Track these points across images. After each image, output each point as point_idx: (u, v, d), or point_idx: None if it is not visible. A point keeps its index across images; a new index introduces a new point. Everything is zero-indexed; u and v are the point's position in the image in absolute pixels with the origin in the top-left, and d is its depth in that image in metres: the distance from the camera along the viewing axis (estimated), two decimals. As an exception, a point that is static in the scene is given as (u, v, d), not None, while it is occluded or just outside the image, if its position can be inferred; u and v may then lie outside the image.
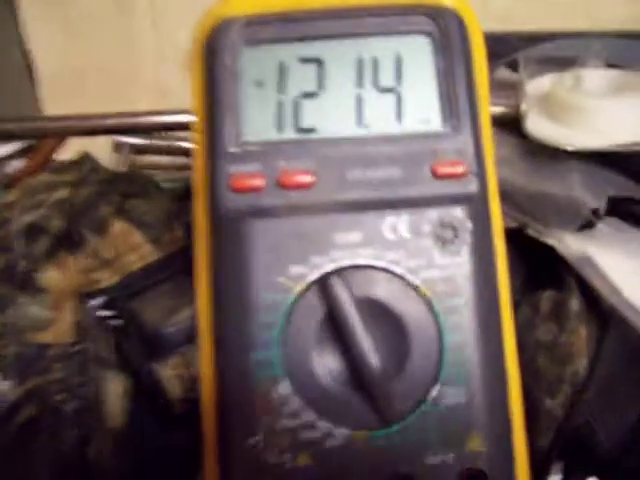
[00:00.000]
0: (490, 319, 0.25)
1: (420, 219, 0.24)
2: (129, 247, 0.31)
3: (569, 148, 0.32)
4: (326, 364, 0.24)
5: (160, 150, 0.52)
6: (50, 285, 0.30)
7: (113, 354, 0.29)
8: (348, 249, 0.24)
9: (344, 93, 0.26)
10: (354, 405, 0.24)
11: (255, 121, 0.25)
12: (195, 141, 0.26)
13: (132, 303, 0.30)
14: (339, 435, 0.24)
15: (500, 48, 0.30)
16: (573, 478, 0.28)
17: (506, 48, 0.45)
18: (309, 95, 0.26)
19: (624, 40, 0.43)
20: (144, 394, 0.29)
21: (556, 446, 0.27)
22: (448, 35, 0.26)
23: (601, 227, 0.30)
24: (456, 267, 0.24)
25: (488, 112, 0.27)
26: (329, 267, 0.24)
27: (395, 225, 0.24)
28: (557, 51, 0.41)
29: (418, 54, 0.26)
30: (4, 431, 0.28)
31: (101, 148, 0.53)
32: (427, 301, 0.24)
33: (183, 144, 0.51)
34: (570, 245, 0.30)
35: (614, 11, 0.59)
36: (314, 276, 0.24)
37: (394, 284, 0.24)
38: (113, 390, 0.29)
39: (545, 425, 0.27)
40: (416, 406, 0.24)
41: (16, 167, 0.42)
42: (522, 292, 0.31)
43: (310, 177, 0.24)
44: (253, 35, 0.26)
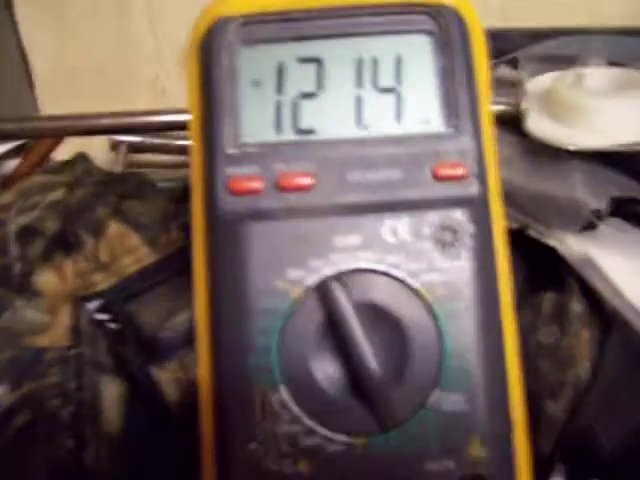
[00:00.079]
0: (491, 323, 0.24)
1: (420, 222, 0.24)
2: (125, 249, 0.31)
3: (571, 148, 0.31)
4: (325, 369, 0.23)
5: (157, 148, 0.52)
6: (46, 289, 0.30)
7: (110, 358, 0.29)
8: (347, 252, 0.24)
9: (343, 93, 0.25)
10: (353, 411, 0.23)
11: (253, 122, 0.25)
12: (192, 142, 0.26)
13: (129, 306, 0.30)
14: (338, 441, 0.23)
15: (500, 44, 0.30)
16: (575, 481, 0.28)
17: (506, 45, 0.44)
18: (308, 96, 0.25)
19: (625, 37, 0.43)
20: (141, 398, 0.29)
21: (558, 450, 0.27)
22: (448, 34, 0.25)
23: (603, 228, 0.30)
24: (457, 271, 0.24)
25: (490, 112, 0.26)
26: (328, 271, 0.24)
27: (395, 228, 0.24)
28: (558, 49, 0.41)
29: (418, 53, 0.25)
30: (0, 436, 0.28)
31: (98, 147, 0.52)
32: (427, 305, 0.24)
33: (180, 142, 0.51)
34: (572, 246, 0.30)
35: (614, 7, 0.59)
36: (313, 280, 0.24)
37: (394, 288, 0.24)
38: (110, 394, 0.28)
39: (547, 429, 0.27)
40: (416, 411, 0.23)
41: (11, 166, 0.42)
42: (523, 293, 0.30)
43: (309, 179, 0.24)
44: (250, 34, 0.25)
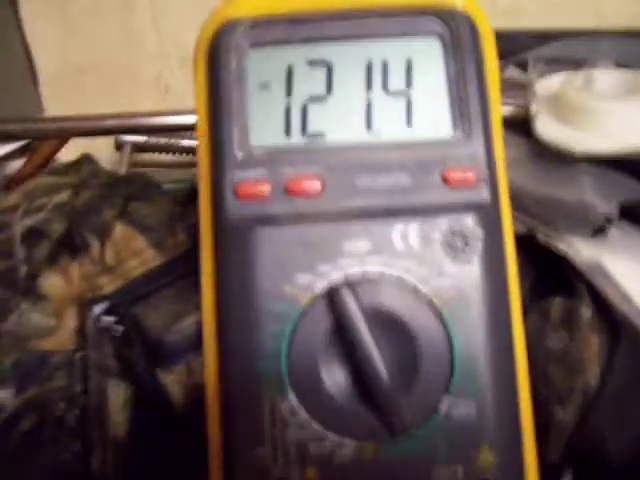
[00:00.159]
0: (501, 329, 0.24)
1: (430, 227, 0.24)
2: (131, 252, 0.31)
3: (579, 152, 0.31)
4: (334, 375, 0.23)
5: (162, 148, 0.52)
6: (52, 292, 0.30)
7: (116, 361, 0.29)
8: (357, 258, 0.24)
9: (353, 97, 0.25)
10: (362, 417, 0.23)
11: (261, 125, 0.25)
12: (199, 146, 0.25)
13: (135, 309, 0.29)
14: (347, 448, 0.23)
15: (507, 45, 0.30)
16: (583, 488, 0.27)
17: (514, 45, 0.44)
18: (317, 99, 0.25)
19: (633, 39, 0.43)
20: (147, 402, 0.29)
21: (567, 455, 0.27)
22: (459, 37, 0.25)
23: (612, 233, 0.30)
24: (467, 276, 0.24)
25: (499, 116, 0.26)
26: (337, 276, 0.24)
27: (405, 233, 0.24)
28: (565, 51, 0.41)
29: (428, 57, 0.25)
30: (5, 441, 0.27)
31: (103, 146, 0.52)
32: (437, 311, 0.23)
33: (186, 142, 0.51)
34: (580, 251, 0.29)
35: (621, 7, 0.59)
36: (322, 285, 0.23)
37: (403, 294, 0.23)
38: (116, 398, 0.28)
39: (556, 434, 0.27)
40: (425, 417, 0.23)
41: (15, 167, 0.42)
42: (531, 297, 0.30)
43: (318, 184, 0.24)
44: (259, 37, 0.25)
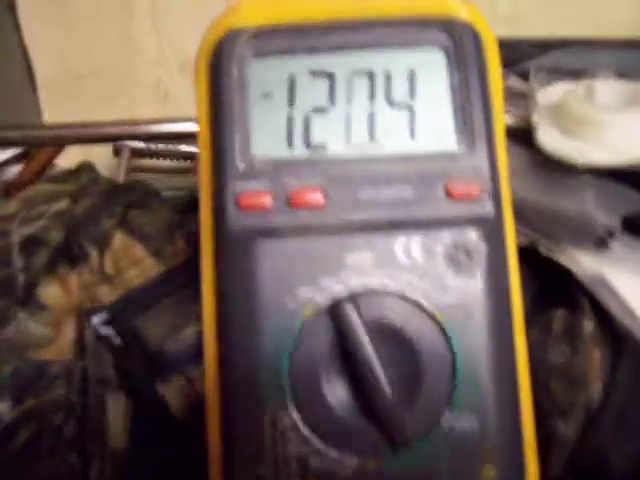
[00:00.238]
0: (504, 344, 0.24)
1: (433, 241, 0.24)
2: (130, 261, 0.31)
3: (581, 164, 0.31)
4: (336, 390, 0.23)
5: (161, 154, 0.51)
6: (50, 302, 0.30)
7: (114, 372, 0.28)
8: (359, 271, 0.23)
9: (356, 108, 0.25)
10: (364, 432, 0.23)
11: (263, 136, 0.25)
12: (200, 156, 0.25)
13: (134, 320, 0.29)
14: (349, 463, 0.23)
15: (509, 54, 0.30)
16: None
17: (513, 54, 0.44)
18: (320, 110, 0.25)
19: (633, 49, 0.43)
20: (146, 413, 0.28)
21: (569, 470, 0.27)
22: (463, 48, 0.25)
23: (614, 245, 0.30)
24: (470, 291, 0.24)
25: (503, 128, 0.26)
26: (340, 290, 0.23)
27: (408, 247, 0.24)
28: (566, 61, 0.41)
29: (432, 68, 0.25)
30: (3, 452, 0.27)
31: (101, 152, 0.52)
32: (440, 325, 0.23)
33: (185, 148, 0.50)
34: (583, 264, 0.29)
35: (620, 16, 0.59)
36: (324, 299, 0.23)
37: (406, 308, 0.23)
38: (114, 409, 0.28)
39: (558, 449, 0.27)
40: (428, 432, 0.23)
41: (13, 173, 0.41)
42: (533, 310, 0.30)
43: (320, 196, 0.24)
44: (261, 46, 0.25)
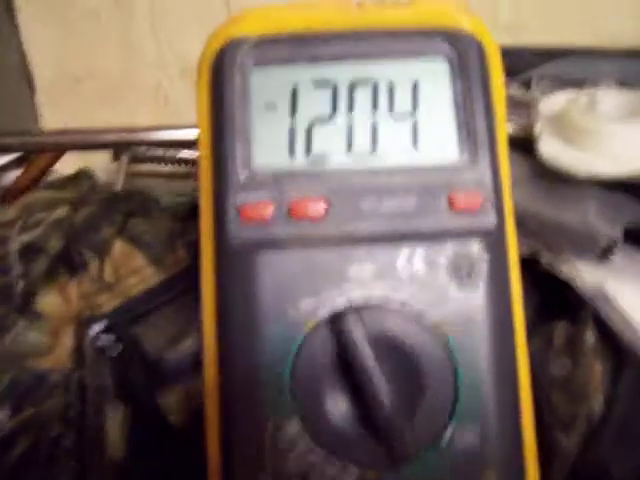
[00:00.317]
0: (506, 356, 0.24)
1: (436, 253, 0.24)
2: (130, 270, 0.30)
3: (582, 174, 0.31)
4: (338, 402, 0.23)
5: (161, 159, 0.51)
6: (49, 310, 0.29)
7: (113, 382, 0.28)
8: (361, 283, 0.23)
9: (358, 119, 0.25)
10: (365, 445, 0.23)
11: (265, 146, 0.24)
12: (201, 165, 0.25)
13: (134, 328, 0.29)
14: (350, 474, 0.23)
15: (511, 63, 0.29)
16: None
17: (515, 62, 0.44)
18: (322, 120, 0.25)
19: (635, 60, 0.43)
20: (145, 423, 0.28)
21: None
22: (466, 59, 0.25)
23: (616, 256, 0.30)
24: (472, 303, 0.23)
25: (505, 139, 0.26)
26: (342, 302, 0.23)
27: (410, 259, 0.24)
28: (569, 70, 0.40)
29: (435, 79, 0.25)
30: (1, 462, 0.27)
31: (100, 156, 0.52)
32: (442, 338, 0.23)
33: (184, 153, 0.50)
34: (584, 275, 0.29)
35: (622, 26, 0.58)
36: (326, 311, 0.23)
37: (408, 320, 0.23)
38: (113, 419, 0.28)
39: (559, 462, 0.27)
40: (429, 446, 0.23)
41: (11, 178, 0.41)
42: (534, 321, 0.30)
43: (322, 207, 0.24)
44: (263, 55, 0.25)
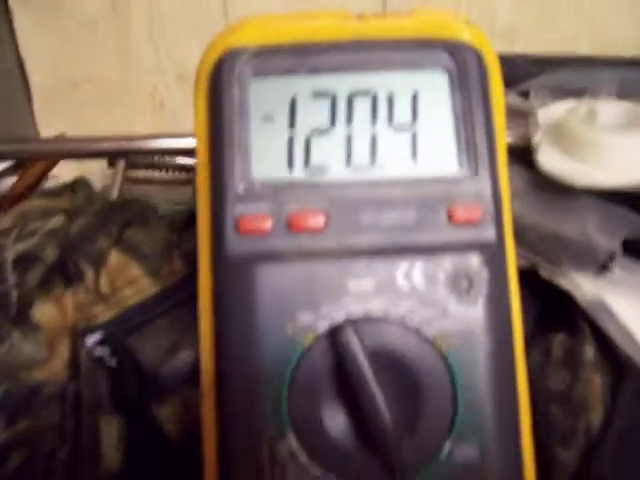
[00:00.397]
0: (505, 372, 0.24)
1: (435, 267, 0.23)
2: (126, 280, 0.30)
3: (581, 185, 0.31)
4: (335, 418, 0.23)
5: (157, 165, 0.51)
6: (44, 321, 0.29)
7: (109, 394, 0.28)
8: (360, 297, 0.23)
9: (358, 131, 0.25)
10: (363, 461, 0.23)
11: (263, 158, 0.24)
12: (198, 176, 0.25)
13: (130, 340, 0.29)
14: (347, 492, 0.23)
15: (506, 70, 0.29)
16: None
17: (512, 70, 0.44)
18: (321, 132, 0.25)
19: (635, 68, 0.43)
20: (141, 436, 0.28)
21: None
22: (466, 70, 0.25)
23: (615, 268, 0.29)
24: (471, 318, 0.23)
25: (505, 151, 0.26)
26: (340, 316, 0.23)
27: (409, 272, 0.23)
28: (567, 81, 0.40)
29: (435, 91, 0.25)
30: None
31: (96, 162, 0.51)
32: (441, 353, 0.23)
33: (181, 160, 0.50)
34: (583, 287, 0.29)
35: (619, 33, 0.59)
36: (324, 325, 0.23)
37: (407, 335, 0.23)
38: (109, 432, 0.28)
39: (558, 476, 0.27)
40: (428, 462, 0.23)
41: (7, 185, 0.41)
42: (533, 332, 0.30)
43: (321, 219, 0.23)
44: (262, 66, 0.25)
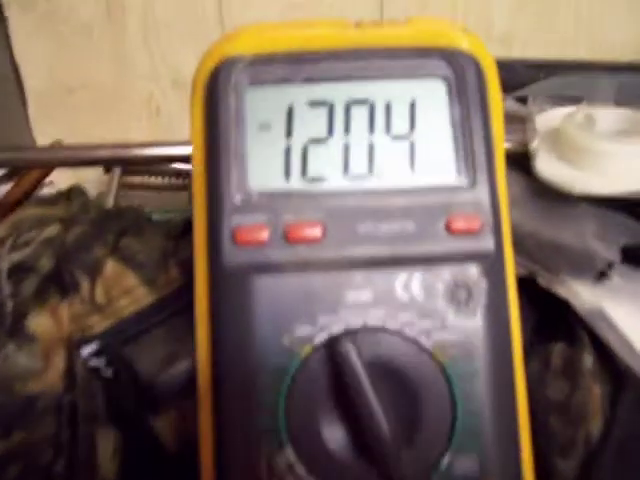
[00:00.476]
0: (504, 383, 0.24)
1: (434, 277, 0.23)
2: (122, 290, 0.30)
3: (578, 192, 0.31)
4: (333, 430, 0.23)
5: (153, 171, 0.51)
6: (39, 332, 0.29)
7: (105, 406, 0.28)
8: (358, 309, 0.23)
9: (355, 140, 0.24)
10: (362, 473, 0.23)
11: (260, 168, 0.24)
12: (194, 185, 0.25)
13: (126, 350, 0.28)
14: (345, 505, 0.22)
15: (507, 76, 0.29)
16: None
17: (509, 75, 0.44)
18: (318, 141, 0.24)
19: (633, 74, 0.43)
20: (138, 448, 0.28)
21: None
22: (464, 79, 0.25)
23: (614, 277, 0.29)
24: (470, 329, 0.23)
25: (503, 159, 0.25)
26: (338, 328, 0.23)
27: (408, 283, 0.23)
28: (566, 87, 0.40)
29: (433, 100, 0.25)
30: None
31: (92, 169, 0.51)
32: (440, 365, 0.23)
33: (177, 166, 0.50)
34: (581, 296, 0.29)
35: (617, 38, 0.59)
36: (322, 337, 0.23)
37: (406, 347, 0.23)
38: (105, 445, 0.27)
39: (557, 487, 0.26)
40: (428, 475, 0.23)
41: (2, 192, 0.41)
42: (532, 340, 0.30)
43: (318, 230, 0.23)
44: (258, 75, 0.25)
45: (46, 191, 0.43)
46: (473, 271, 0.23)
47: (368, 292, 0.23)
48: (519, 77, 0.44)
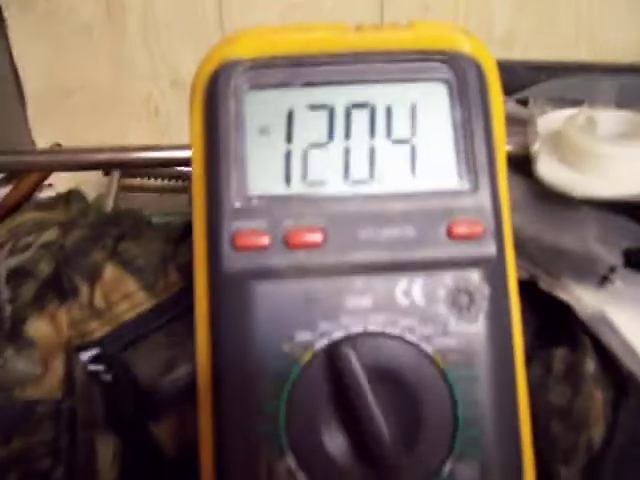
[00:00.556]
0: (506, 389, 0.24)
1: (435, 283, 0.23)
2: (121, 295, 0.30)
3: (579, 195, 0.31)
4: (334, 436, 0.22)
5: (152, 174, 0.51)
6: (38, 337, 0.29)
7: (104, 412, 0.28)
8: (359, 315, 0.23)
9: (355, 144, 0.24)
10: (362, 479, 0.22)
11: (260, 173, 0.24)
12: (194, 190, 0.24)
13: (125, 356, 0.28)
14: (346, 513, 0.22)
15: (507, 78, 0.29)
16: None
17: (510, 77, 0.44)
18: (318, 145, 0.24)
19: (634, 76, 0.42)
20: (137, 455, 0.28)
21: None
22: (466, 83, 0.25)
23: (616, 281, 0.29)
24: (472, 335, 0.23)
25: (505, 163, 0.25)
26: (339, 334, 0.23)
27: (409, 289, 0.23)
28: (567, 89, 0.40)
29: (434, 103, 0.25)
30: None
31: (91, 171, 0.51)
32: (441, 371, 0.23)
33: (176, 168, 0.50)
34: (583, 300, 0.29)
35: (618, 40, 0.58)
36: (322, 343, 0.23)
37: (407, 353, 0.23)
38: (104, 452, 0.27)
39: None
40: (429, 480, 0.22)
41: (1, 195, 0.41)
42: (533, 345, 0.29)
43: (319, 236, 0.23)
44: (258, 78, 0.24)
45: (45, 194, 0.43)
46: (475, 276, 0.23)
47: (369, 298, 0.23)
48: (520, 79, 0.44)
